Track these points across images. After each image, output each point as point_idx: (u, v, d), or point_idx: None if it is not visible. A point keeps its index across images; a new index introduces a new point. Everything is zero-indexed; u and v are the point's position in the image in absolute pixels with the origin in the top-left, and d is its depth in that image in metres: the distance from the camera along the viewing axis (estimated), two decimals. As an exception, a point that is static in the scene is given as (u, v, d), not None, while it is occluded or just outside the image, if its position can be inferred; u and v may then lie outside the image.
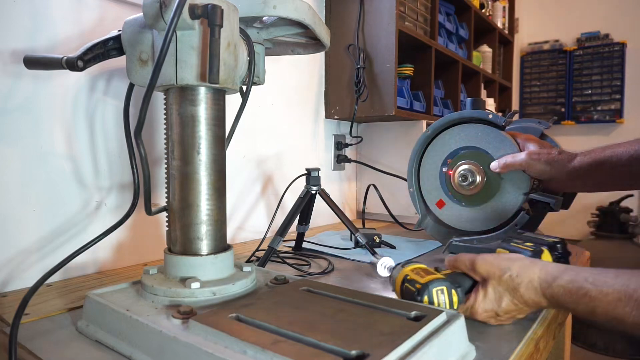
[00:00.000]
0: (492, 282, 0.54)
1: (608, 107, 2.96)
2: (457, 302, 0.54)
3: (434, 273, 0.57)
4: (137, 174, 0.58)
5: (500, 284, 0.53)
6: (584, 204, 2.67)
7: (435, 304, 0.53)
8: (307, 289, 0.54)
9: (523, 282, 0.51)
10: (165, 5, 0.50)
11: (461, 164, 0.86)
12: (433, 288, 0.54)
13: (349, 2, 1.35)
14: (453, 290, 0.55)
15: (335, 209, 0.88)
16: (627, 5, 2.88)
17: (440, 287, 0.54)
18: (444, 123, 0.90)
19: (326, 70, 1.41)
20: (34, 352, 0.47)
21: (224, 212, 0.59)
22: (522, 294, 0.51)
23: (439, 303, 0.53)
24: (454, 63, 1.69)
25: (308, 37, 0.72)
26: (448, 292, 0.54)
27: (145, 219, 0.87)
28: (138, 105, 0.50)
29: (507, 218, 0.82)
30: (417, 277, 0.56)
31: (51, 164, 0.73)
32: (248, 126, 1.12)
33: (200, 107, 0.55)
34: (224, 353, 0.38)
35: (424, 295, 0.54)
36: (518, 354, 0.49)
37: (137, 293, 0.55)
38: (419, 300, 0.54)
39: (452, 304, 0.54)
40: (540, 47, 3.21)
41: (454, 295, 0.54)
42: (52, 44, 0.73)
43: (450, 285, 0.55)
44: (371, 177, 1.45)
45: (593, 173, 0.72)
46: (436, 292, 0.54)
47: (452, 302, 0.54)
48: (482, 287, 0.55)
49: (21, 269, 0.70)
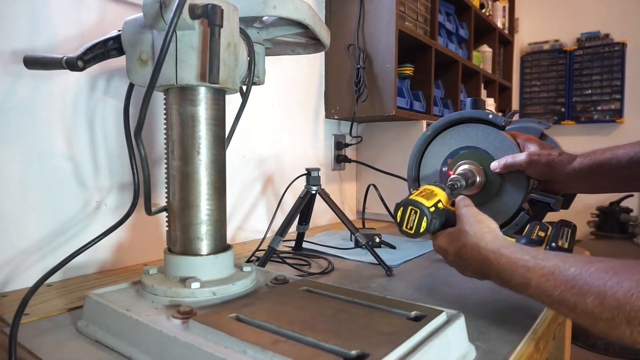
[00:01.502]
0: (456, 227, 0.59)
1: (608, 107, 2.96)
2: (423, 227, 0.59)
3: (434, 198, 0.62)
4: (137, 174, 0.58)
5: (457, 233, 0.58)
6: (584, 204, 2.68)
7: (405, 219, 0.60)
8: (307, 289, 0.54)
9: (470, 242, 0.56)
10: (165, 5, 0.50)
11: (461, 164, 0.86)
12: (411, 205, 0.60)
13: (349, 2, 1.35)
14: (425, 219, 0.59)
15: (335, 209, 0.88)
16: (627, 5, 2.88)
17: (417, 209, 0.60)
18: (444, 123, 0.90)
19: (326, 70, 1.41)
20: (34, 352, 0.47)
21: (224, 212, 0.59)
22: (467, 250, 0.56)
23: (408, 220, 0.60)
24: (454, 63, 1.69)
25: (308, 37, 0.72)
26: (419, 218, 0.59)
27: (145, 219, 0.87)
28: (138, 105, 0.50)
29: (507, 218, 0.82)
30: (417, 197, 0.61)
31: (51, 164, 0.73)
32: (248, 126, 1.12)
33: (200, 107, 0.55)
34: (224, 353, 0.38)
35: (399, 207, 0.61)
36: (518, 354, 0.49)
37: (137, 293, 0.55)
38: (395, 210, 0.61)
39: (419, 228, 0.59)
40: (540, 47, 3.21)
41: (424, 222, 0.59)
42: (52, 44, 0.73)
43: (430, 214, 0.59)
44: (371, 177, 1.45)
45: (593, 175, 0.72)
46: (411, 210, 0.60)
47: (419, 227, 0.59)
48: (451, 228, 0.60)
49: (21, 269, 0.70)
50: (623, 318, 0.39)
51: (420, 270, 0.83)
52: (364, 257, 0.91)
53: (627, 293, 0.39)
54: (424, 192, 0.63)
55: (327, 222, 1.40)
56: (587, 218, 2.67)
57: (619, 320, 0.39)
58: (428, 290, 0.71)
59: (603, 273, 0.42)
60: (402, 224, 0.61)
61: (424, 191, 0.63)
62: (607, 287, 0.41)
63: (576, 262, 0.45)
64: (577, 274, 0.44)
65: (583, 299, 0.42)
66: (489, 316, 0.58)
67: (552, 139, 0.86)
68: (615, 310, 0.40)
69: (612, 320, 0.40)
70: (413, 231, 0.60)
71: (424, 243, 1.06)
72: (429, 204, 0.60)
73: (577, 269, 0.44)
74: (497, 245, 0.53)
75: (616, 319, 0.40)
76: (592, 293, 0.41)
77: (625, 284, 0.40)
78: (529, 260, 0.48)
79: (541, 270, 0.47)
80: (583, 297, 0.42)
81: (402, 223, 0.61)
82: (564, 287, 0.44)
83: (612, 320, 0.40)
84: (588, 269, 0.43)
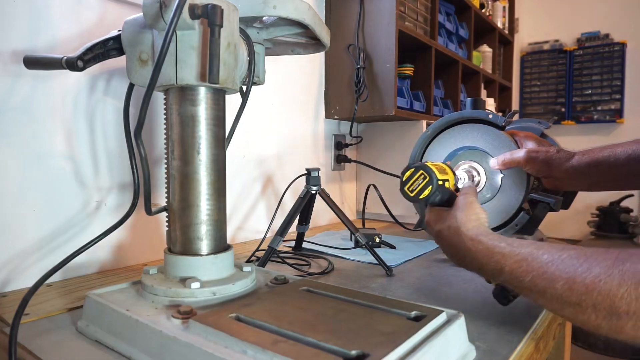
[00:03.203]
0: (448, 209, 0.59)
1: (608, 107, 2.96)
2: (425, 194, 0.59)
3: (445, 175, 0.62)
4: (137, 174, 0.58)
5: (446, 213, 0.59)
6: (584, 204, 2.68)
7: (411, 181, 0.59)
8: (307, 289, 0.54)
9: (451, 226, 0.56)
10: (165, 5, 0.50)
11: (461, 164, 0.86)
12: (423, 170, 0.59)
13: (349, 2, 1.35)
14: (430, 187, 0.58)
15: (335, 209, 0.88)
16: (627, 5, 2.88)
17: (427, 175, 0.59)
18: (443, 123, 0.90)
19: (326, 70, 1.41)
20: (34, 352, 0.47)
21: (224, 212, 0.59)
22: (447, 234, 0.56)
23: (413, 183, 0.59)
24: (454, 63, 1.69)
25: (308, 37, 0.72)
26: (425, 184, 0.59)
27: (145, 219, 0.87)
28: (138, 105, 0.50)
29: (507, 218, 0.82)
30: (432, 166, 0.60)
31: (51, 164, 0.73)
32: (248, 126, 1.12)
33: (200, 107, 0.55)
34: (224, 353, 0.38)
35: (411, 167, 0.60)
36: (518, 354, 0.49)
37: (137, 293, 0.55)
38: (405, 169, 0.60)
39: (419, 193, 0.59)
40: (540, 47, 3.21)
41: (428, 190, 0.59)
42: (52, 44, 0.73)
43: (436, 185, 0.58)
44: (371, 177, 1.45)
45: (591, 172, 0.72)
46: (421, 174, 0.59)
47: (420, 193, 0.59)
48: (445, 207, 0.60)
49: (21, 269, 0.70)
50: (590, 303, 0.40)
51: (420, 270, 0.83)
52: (364, 257, 0.91)
53: (595, 279, 0.40)
54: (438, 166, 0.62)
55: (327, 222, 1.40)
56: (587, 218, 2.67)
57: (586, 305, 0.40)
58: (428, 290, 0.71)
59: (575, 260, 0.43)
60: (406, 185, 0.60)
61: (438, 166, 0.63)
62: (577, 273, 0.41)
63: (550, 250, 0.45)
64: (549, 260, 0.44)
65: (553, 284, 0.43)
66: (489, 316, 0.58)
67: (551, 139, 0.86)
68: (582, 295, 0.40)
69: (578, 305, 0.41)
70: (413, 194, 0.60)
71: (424, 243, 1.06)
72: (440, 177, 0.60)
73: (549, 255, 0.45)
74: (476, 233, 0.53)
75: (583, 303, 0.41)
76: (562, 278, 0.42)
77: (594, 269, 0.40)
78: (505, 247, 0.49)
79: (516, 256, 0.47)
80: (553, 282, 0.43)
81: (407, 183, 0.60)
82: (535, 273, 0.45)
83: (578, 305, 0.41)
84: (560, 255, 0.44)
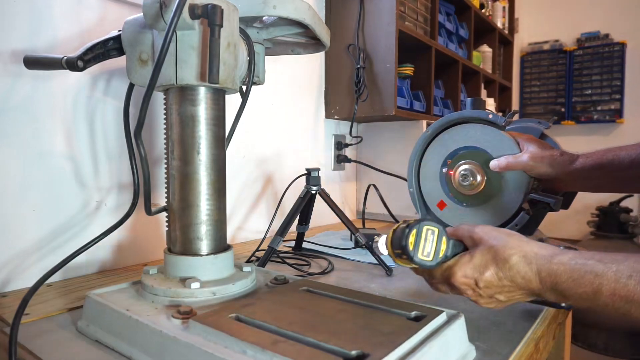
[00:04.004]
0: (481, 248, 0.48)
1: (608, 107, 2.95)
2: (443, 251, 0.49)
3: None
4: (137, 174, 0.58)
5: (489, 252, 0.48)
6: (584, 204, 2.67)
7: (420, 245, 0.49)
8: (307, 289, 0.54)
9: (516, 255, 0.46)
10: (165, 5, 0.50)
11: (461, 164, 0.86)
12: (425, 225, 0.49)
13: (349, 2, 1.35)
14: (445, 238, 0.49)
15: (335, 209, 0.88)
16: (627, 5, 2.87)
17: (433, 228, 0.49)
18: (444, 123, 0.90)
19: (326, 70, 1.41)
20: (34, 352, 0.47)
21: (224, 212, 0.59)
22: (511, 266, 0.46)
23: (424, 246, 0.49)
24: (454, 63, 1.69)
25: (308, 37, 0.72)
26: (438, 237, 0.49)
27: (145, 219, 0.87)
28: (138, 105, 0.50)
29: (507, 218, 0.82)
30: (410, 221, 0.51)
31: (51, 164, 0.73)
32: (248, 126, 1.12)
33: (200, 107, 0.55)
34: (224, 353, 0.38)
35: (413, 228, 0.49)
36: (518, 354, 0.49)
37: (137, 293, 0.55)
38: (406, 234, 0.48)
39: (438, 253, 0.49)
40: (540, 47, 3.21)
41: (443, 244, 0.49)
42: (52, 44, 0.73)
43: (444, 233, 0.50)
44: (371, 177, 1.45)
45: (595, 175, 0.72)
46: (426, 230, 0.49)
47: (438, 251, 0.49)
48: (471, 251, 0.49)
49: (21, 269, 0.70)
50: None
51: (420, 270, 0.83)
52: (364, 257, 0.91)
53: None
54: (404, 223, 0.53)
55: (327, 222, 1.40)
56: (587, 218, 2.67)
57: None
58: (428, 290, 0.71)
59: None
60: (417, 251, 0.49)
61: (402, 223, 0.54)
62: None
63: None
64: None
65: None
66: (489, 316, 0.58)
67: (551, 139, 0.86)
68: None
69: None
70: (431, 258, 0.49)
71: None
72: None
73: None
74: (549, 253, 0.46)
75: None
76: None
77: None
78: (596, 265, 0.42)
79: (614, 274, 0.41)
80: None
81: (417, 250, 0.49)
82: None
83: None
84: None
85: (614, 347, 2.13)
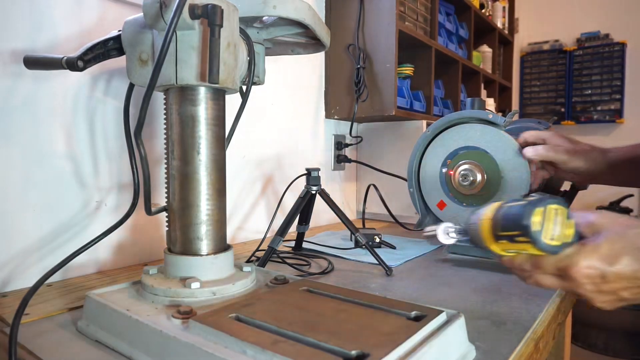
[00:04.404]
0: (609, 236, 0.41)
1: (608, 107, 2.96)
2: (571, 235, 0.42)
3: None
4: (137, 174, 0.58)
5: (622, 239, 0.40)
6: (584, 204, 2.68)
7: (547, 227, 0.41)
8: (307, 289, 0.54)
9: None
10: (165, 5, 0.50)
11: (461, 164, 0.86)
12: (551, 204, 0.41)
13: (348, 2, 1.35)
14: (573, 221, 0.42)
15: (335, 209, 0.88)
16: (627, 5, 2.88)
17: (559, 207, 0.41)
18: (444, 123, 0.90)
19: (326, 70, 1.41)
20: (34, 352, 0.47)
21: (224, 212, 0.59)
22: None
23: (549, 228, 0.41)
24: (454, 63, 1.69)
25: (308, 37, 0.72)
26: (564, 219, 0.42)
27: (145, 219, 0.87)
28: (138, 105, 0.50)
29: (507, 218, 0.82)
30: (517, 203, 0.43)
31: (51, 164, 0.73)
32: (248, 126, 1.12)
33: (200, 107, 0.55)
34: (224, 353, 0.38)
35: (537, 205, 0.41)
36: (518, 354, 0.49)
37: (137, 293, 0.55)
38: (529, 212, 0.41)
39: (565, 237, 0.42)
40: (540, 47, 3.21)
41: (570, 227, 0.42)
42: (52, 44, 0.73)
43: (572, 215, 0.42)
44: (371, 177, 1.45)
45: (625, 169, 0.73)
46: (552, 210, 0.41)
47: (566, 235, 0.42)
48: (594, 239, 0.42)
49: (21, 269, 0.70)
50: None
51: (420, 270, 0.83)
52: (364, 257, 0.91)
53: None
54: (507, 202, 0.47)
55: (327, 222, 1.40)
56: (587, 218, 2.67)
57: None
58: (428, 290, 0.71)
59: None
60: (541, 235, 0.41)
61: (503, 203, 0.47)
62: None
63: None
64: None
65: None
66: (489, 316, 0.58)
67: (552, 139, 0.86)
68: None
69: None
70: (560, 242, 0.42)
71: (424, 243, 1.06)
72: None
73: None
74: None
75: None
76: None
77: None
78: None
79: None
80: None
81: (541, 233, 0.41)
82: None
83: None
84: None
85: (614, 347, 2.13)
